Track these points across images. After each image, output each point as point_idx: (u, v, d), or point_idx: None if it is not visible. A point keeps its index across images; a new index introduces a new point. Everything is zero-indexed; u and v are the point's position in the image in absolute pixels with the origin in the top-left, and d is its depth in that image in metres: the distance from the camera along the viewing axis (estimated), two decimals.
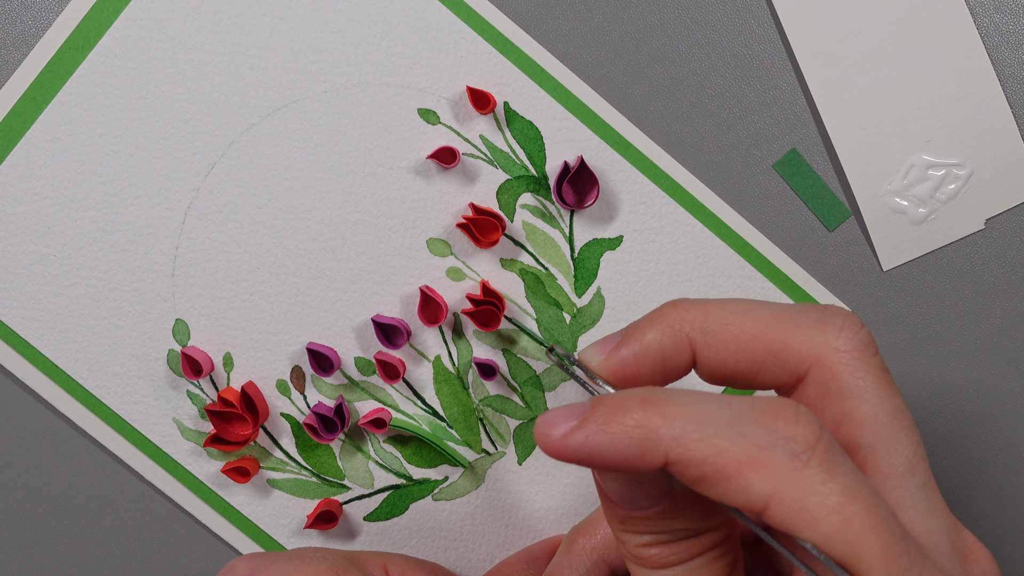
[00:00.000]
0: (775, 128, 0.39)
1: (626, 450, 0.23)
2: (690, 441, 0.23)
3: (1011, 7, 0.39)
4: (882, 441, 0.26)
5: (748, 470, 0.23)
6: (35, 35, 0.38)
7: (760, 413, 0.24)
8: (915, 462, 0.26)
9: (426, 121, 0.38)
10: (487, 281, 0.39)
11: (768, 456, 0.23)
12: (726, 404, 0.24)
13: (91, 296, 0.39)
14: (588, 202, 0.38)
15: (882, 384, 0.26)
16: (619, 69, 0.39)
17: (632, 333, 0.27)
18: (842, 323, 0.27)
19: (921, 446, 0.27)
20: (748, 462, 0.23)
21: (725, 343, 0.27)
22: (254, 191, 0.38)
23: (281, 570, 0.32)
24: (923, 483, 0.26)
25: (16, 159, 0.38)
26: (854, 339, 0.27)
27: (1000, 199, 0.39)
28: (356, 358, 0.39)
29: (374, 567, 0.35)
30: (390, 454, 0.40)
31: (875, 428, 0.26)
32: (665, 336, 0.27)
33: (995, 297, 0.40)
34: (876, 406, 0.26)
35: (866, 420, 0.26)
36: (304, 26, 0.38)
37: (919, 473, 0.26)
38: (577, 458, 0.24)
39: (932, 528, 0.25)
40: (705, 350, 0.27)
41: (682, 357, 0.27)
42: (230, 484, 0.40)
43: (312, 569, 0.32)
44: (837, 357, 0.26)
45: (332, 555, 0.34)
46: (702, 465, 0.23)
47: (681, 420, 0.23)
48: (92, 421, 0.39)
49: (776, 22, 0.39)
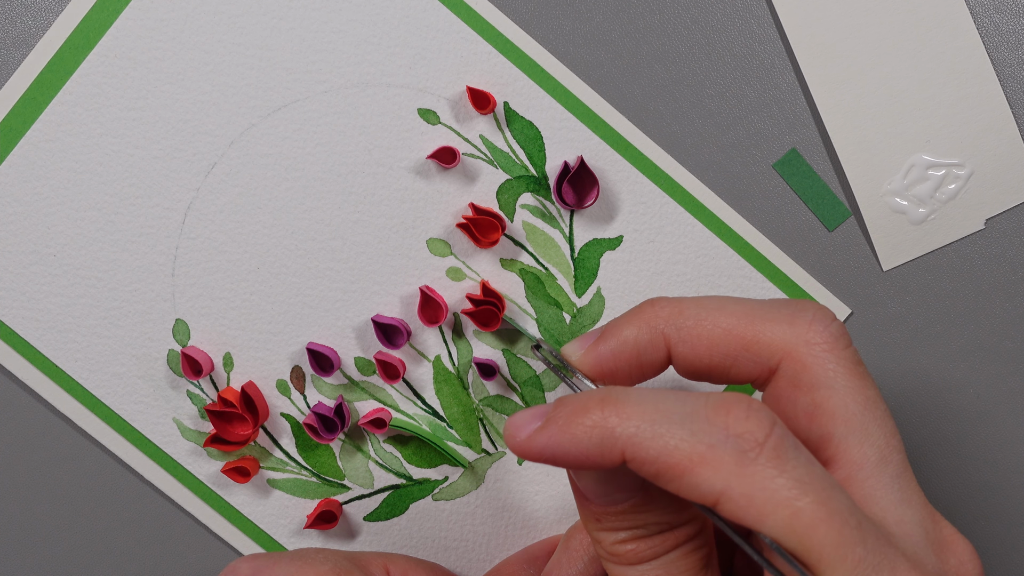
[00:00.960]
0: (775, 128, 0.39)
1: (586, 449, 0.24)
2: (644, 439, 0.24)
3: (1011, 7, 0.39)
4: (853, 431, 0.26)
5: (697, 467, 0.23)
6: (35, 35, 0.38)
7: (712, 410, 0.24)
8: (887, 452, 0.26)
9: (426, 121, 0.38)
10: (487, 281, 0.39)
11: (717, 453, 0.23)
12: (680, 402, 0.24)
13: (91, 296, 0.39)
14: (588, 202, 0.38)
15: (853, 375, 0.27)
16: (619, 69, 0.39)
17: (610, 330, 0.28)
18: (812, 316, 0.27)
19: (896, 436, 0.27)
20: (697, 459, 0.23)
21: (698, 339, 0.27)
22: (254, 191, 0.38)
23: (284, 571, 0.32)
24: (897, 473, 0.26)
25: (16, 159, 0.38)
26: (824, 332, 0.27)
27: (1000, 199, 0.39)
28: (356, 358, 0.39)
29: (375, 568, 0.35)
30: (390, 454, 0.40)
31: (846, 418, 0.27)
32: (641, 332, 0.28)
33: (995, 297, 0.40)
34: (847, 396, 0.27)
35: (837, 410, 0.27)
36: (304, 26, 0.38)
37: (892, 463, 0.26)
38: (542, 458, 0.25)
39: (904, 518, 0.26)
40: (679, 346, 0.28)
41: (657, 353, 0.28)
42: (230, 484, 0.40)
43: (314, 570, 0.32)
44: (807, 349, 0.27)
45: (334, 556, 0.34)
46: (655, 463, 0.24)
47: (635, 419, 0.24)
48: (92, 421, 0.39)
49: (776, 22, 0.39)
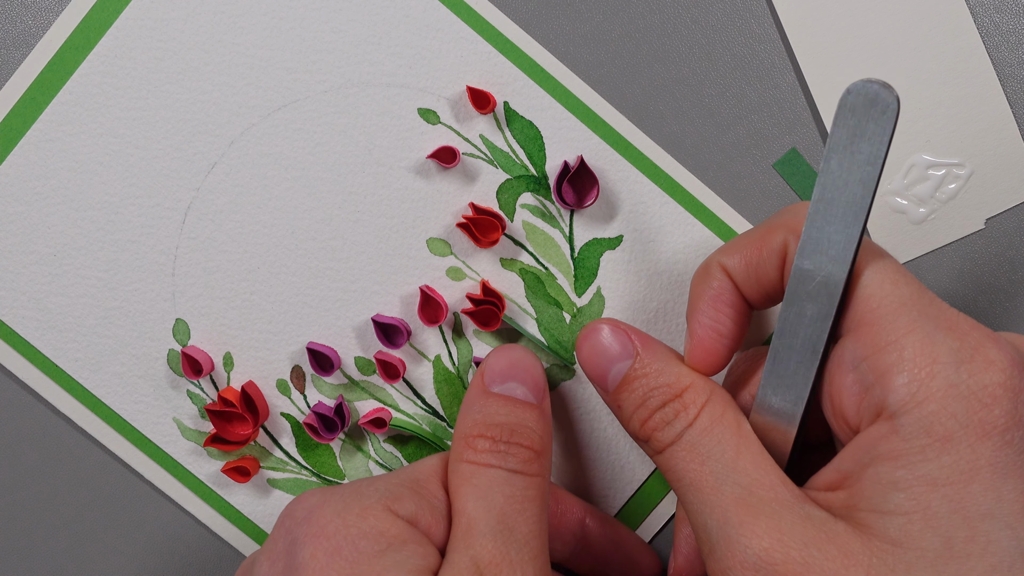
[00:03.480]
0: (775, 128, 0.39)
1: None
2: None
3: (1011, 7, 0.39)
4: (872, 291, 0.29)
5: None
6: (35, 35, 0.38)
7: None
8: (907, 294, 0.29)
9: (426, 121, 0.38)
10: (487, 281, 0.39)
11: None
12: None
13: (91, 296, 0.39)
14: (588, 202, 0.38)
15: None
16: (619, 69, 0.39)
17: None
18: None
19: (914, 283, 0.29)
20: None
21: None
22: (254, 191, 0.38)
23: (332, 509, 0.31)
24: (921, 313, 0.28)
25: (16, 159, 0.38)
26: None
27: (1000, 199, 0.39)
28: (356, 358, 0.39)
29: (431, 484, 0.33)
30: (390, 454, 0.40)
31: (864, 285, 0.30)
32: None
33: (995, 297, 0.40)
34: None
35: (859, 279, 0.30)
36: (304, 26, 0.38)
37: (912, 306, 0.29)
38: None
39: (937, 355, 0.28)
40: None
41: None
42: (230, 484, 0.40)
43: (360, 504, 0.31)
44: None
45: (385, 483, 0.33)
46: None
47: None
48: (92, 421, 0.39)
49: (776, 22, 0.39)
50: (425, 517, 0.32)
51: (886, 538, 0.27)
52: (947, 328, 0.28)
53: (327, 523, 0.31)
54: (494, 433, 0.33)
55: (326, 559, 0.30)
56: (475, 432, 0.33)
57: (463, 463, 0.33)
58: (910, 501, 0.27)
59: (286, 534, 0.31)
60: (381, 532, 0.30)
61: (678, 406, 0.32)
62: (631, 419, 0.33)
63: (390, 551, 0.30)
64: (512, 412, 0.34)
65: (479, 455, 0.33)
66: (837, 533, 0.28)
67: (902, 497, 0.27)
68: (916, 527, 0.27)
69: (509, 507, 0.31)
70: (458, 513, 0.32)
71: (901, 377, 0.28)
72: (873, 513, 0.28)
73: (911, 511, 0.27)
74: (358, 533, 0.30)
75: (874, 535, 0.27)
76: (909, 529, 0.27)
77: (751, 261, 0.32)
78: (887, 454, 0.28)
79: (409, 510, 0.31)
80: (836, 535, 0.28)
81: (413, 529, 0.31)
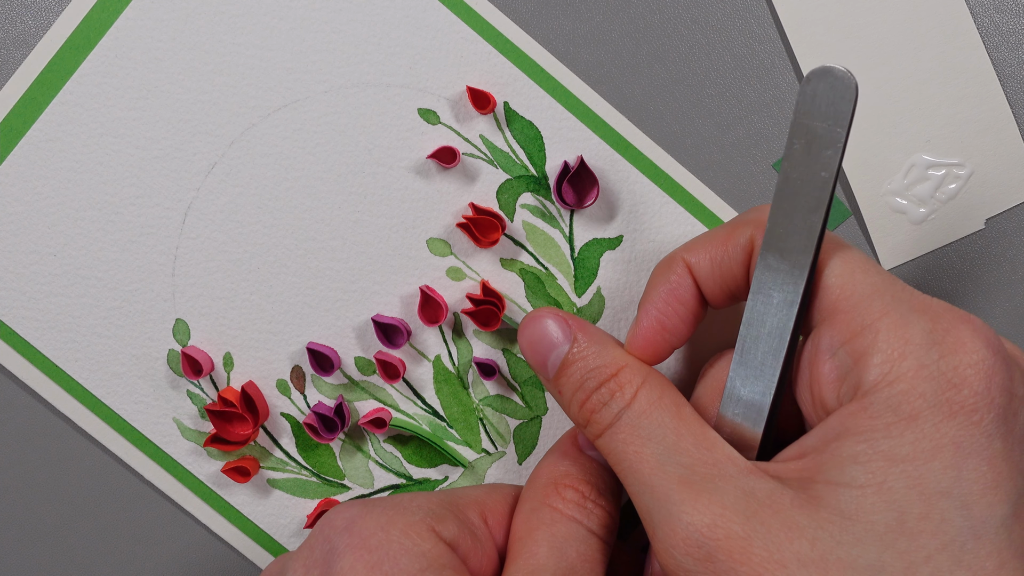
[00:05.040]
0: (775, 128, 0.39)
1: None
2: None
3: (1011, 7, 0.39)
4: (842, 281, 0.30)
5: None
6: (35, 35, 0.38)
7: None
8: (878, 281, 0.29)
9: (426, 121, 0.38)
10: (487, 281, 0.39)
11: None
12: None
13: (91, 296, 0.39)
14: (588, 202, 0.38)
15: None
16: (619, 69, 0.39)
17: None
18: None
19: (884, 272, 0.30)
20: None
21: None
22: (254, 191, 0.38)
23: (375, 521, 0.31)
24: (894, 298, 0.29)
25: (16, 159, 0.38)
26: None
27: (1000, 199, 0.39)
28: (356, 358, 0.39)
29: (472, 513, 0.33)
30: (390, 454, 0.40)
31: (834, 278, 0.30)
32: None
33: (995, 297, 0.40)
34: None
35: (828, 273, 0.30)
36: (304, 26, 0.38)
37: (884, 292, 0.29)
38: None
39: (910, 336, 0.28)
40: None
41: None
42: (230, 484, 0.40)
43: (404, 520, 0.31)
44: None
45: (428, 502, 0.32)
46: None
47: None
48: (92, 421, 0.39)
49: (776, 22, 0.39)
50: (466, 543, 0.31)
51: (837, 510, 0.27)
52: (921, 310, 0.28)
53: (370, 535, 0.30)
54: (585, 490, 0.33)
55: (366, 571, 0.29)
56: (566, 482, 0.33)
57: (546, 507, 0.32)
58: (866, 475, 0.27)
59: (324, 542, 0.31)
60: (423, 552, 0.30)
61: (614, 386, 0.31)
62: (571, 403, 0.32)
63: (429, 572, 0.29)
64: (603, 476, 0.34)
65: (566, 504, 0.32)
66: (783, 506, 0.27)
67: (859, 470, 0.27)
68: (869, 500, 0.26)
69: (580, 565, 0.31)
70: (525, 555, 0.31)
71: (875, 357, 0.28)
72: (828, 485, 0.27)
73: (866, 484, 0.27)
74: (400, 549, 0.30)
75: (825, 507, 0.27)
76: (862, 503, 0.27)
77: (716, 257, 0.32)
78: (852, 430, 0.28)
79: (452, 533, 0.31)
80: (781, 508, 0.27)
81: (452, 554, 0.31)
